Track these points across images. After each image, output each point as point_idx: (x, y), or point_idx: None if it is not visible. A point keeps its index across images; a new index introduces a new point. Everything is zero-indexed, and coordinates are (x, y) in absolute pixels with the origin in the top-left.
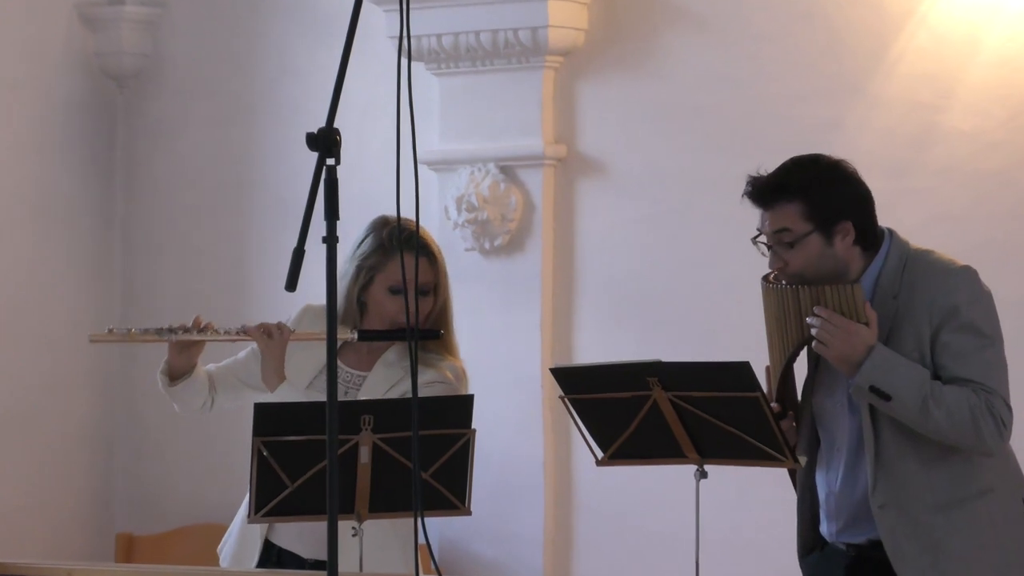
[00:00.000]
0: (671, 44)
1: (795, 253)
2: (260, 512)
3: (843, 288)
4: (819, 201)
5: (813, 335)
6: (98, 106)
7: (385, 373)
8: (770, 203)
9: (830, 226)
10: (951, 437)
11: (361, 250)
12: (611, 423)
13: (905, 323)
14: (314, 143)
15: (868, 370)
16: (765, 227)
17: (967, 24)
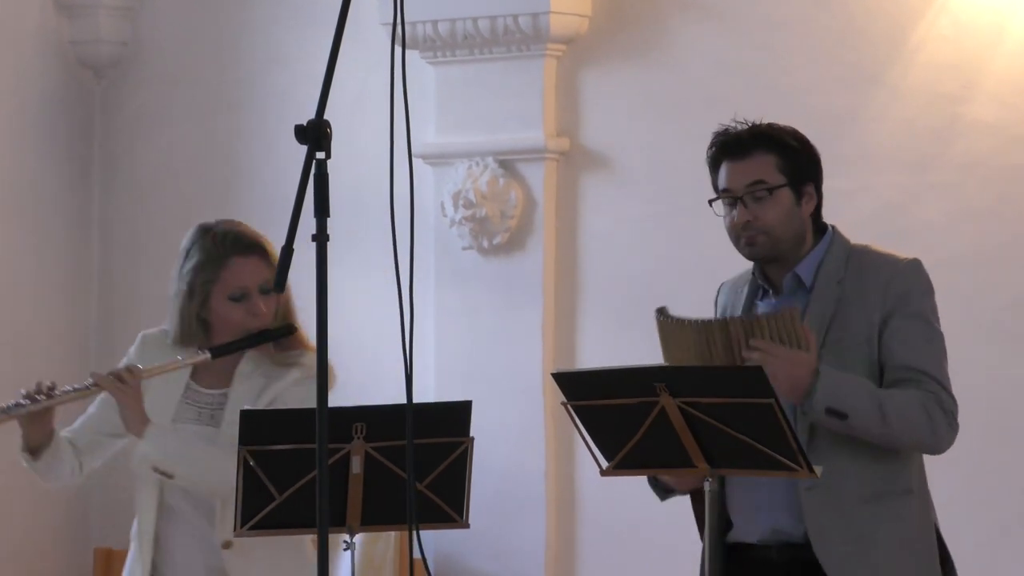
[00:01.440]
0: (679, 31)
1: (767, 206)
2: (247, 525)
3: (780, 316)
4: (793, 156)
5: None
6: (74, 97)
7: (247, 385)
8: (748, 151)
9: (800, 185)
10: (908, 440)
11: (189, 266)
12: (616, 431)
13: (853, 307)
14: (303, 136)
15: (821, 394)
16: (734, 179)
17: (990, 11)
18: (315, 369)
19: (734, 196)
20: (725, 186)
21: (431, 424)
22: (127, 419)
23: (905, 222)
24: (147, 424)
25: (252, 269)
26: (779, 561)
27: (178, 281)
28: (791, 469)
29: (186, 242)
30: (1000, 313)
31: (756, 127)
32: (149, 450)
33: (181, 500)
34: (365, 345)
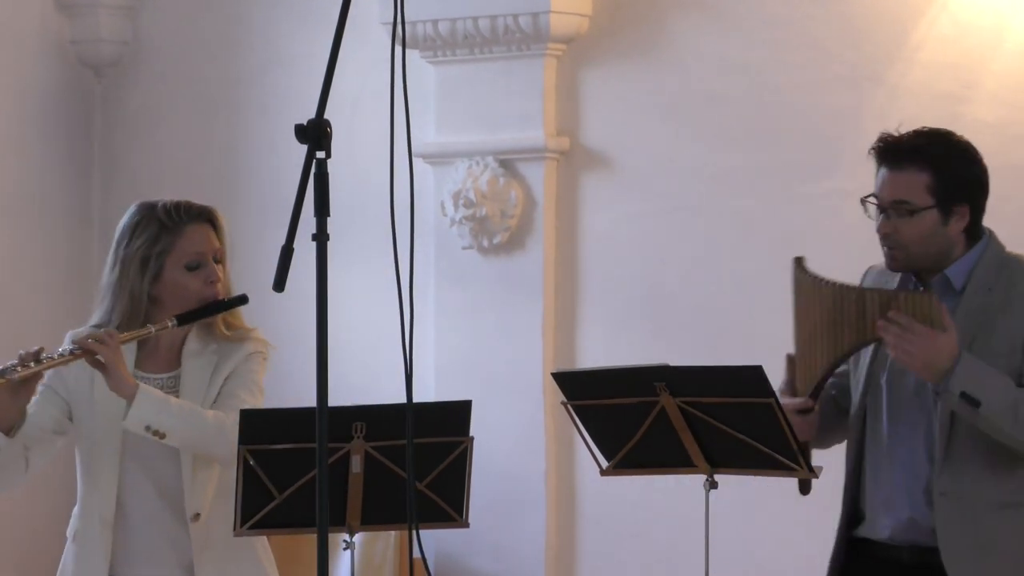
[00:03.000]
0: (680, 30)
1: (909, 224)
2: (247, 525)
3: (919, 297)
4: (948, 177)
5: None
6: (75, 96)
7: (197, 364)
8: (902, 164)
9: (950, 205)
10: None
11: (139, 241)
12: (616, 430)
13: (1000, 318)
14: (303, 135)
15: (959, 377)
16: (883, 189)
17: (991, 11)
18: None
19: (880, 207)
20: (876, 191)
21: (431, 424)
22: (115, 381)
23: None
24: (136, 385)
25: (206, 237)
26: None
27: (123, 262)
28: (791, 469)
29: (128, 220)
30: None
31: (919, 137)
32: (142, 411)
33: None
34: (365, 345)
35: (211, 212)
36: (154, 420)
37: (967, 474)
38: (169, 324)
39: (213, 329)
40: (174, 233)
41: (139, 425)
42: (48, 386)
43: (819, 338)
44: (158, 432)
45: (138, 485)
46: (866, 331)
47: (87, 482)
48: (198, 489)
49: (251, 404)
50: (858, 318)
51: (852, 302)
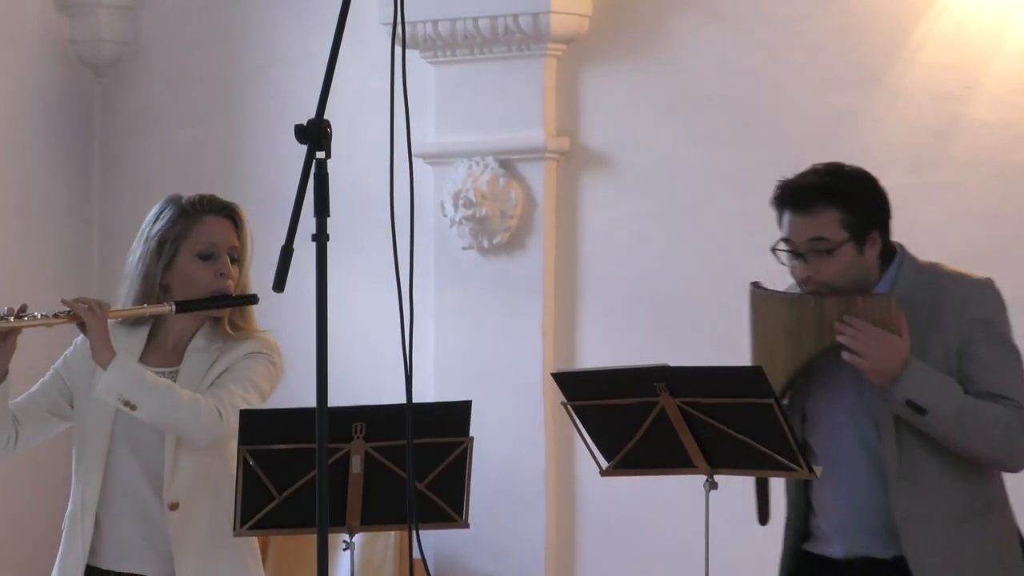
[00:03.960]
0: (680, 30)
1: (828, 262)
2: (246, 525)
3: (877, 299)
4: (857, 210)
5: (845, 345)
6: (75, 96)
7: (198, 359)
8: (811, 208)
9: (863, 235)
10: (983, 453)
11: (159, 225)
12: (616, 431)
13: (930, 333)
14: (303, 135)
15: (906, 383)
16: (796, 233)
17: (991, 11)
18: (269, 344)
19: (795, 251)
20: (787, 236)
21: (431, 424)
22: (95, 346)
23: (905, 222)
24: (113, 355)
25: (224, 230)
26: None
27: (143, 245)
28: (791, 470)
29: (154, 210)
30: None
31: (820, 179)
32: (115, 379)
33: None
34: (365, 345)
35: (234, 209)
36: (126, 390)
37: (924, 493)
38: (167, 308)
39: (220, 329)
40: (192, 220)
41: (111, 393)
42: (56, 370)
43: (779, 349)
44: (129, 403)
45: (126, 473)
46: (824, 336)
47: (76, 470)
48: (179, 477)
49: (240, 397)
50: (817, 324)
51: (811, 309)
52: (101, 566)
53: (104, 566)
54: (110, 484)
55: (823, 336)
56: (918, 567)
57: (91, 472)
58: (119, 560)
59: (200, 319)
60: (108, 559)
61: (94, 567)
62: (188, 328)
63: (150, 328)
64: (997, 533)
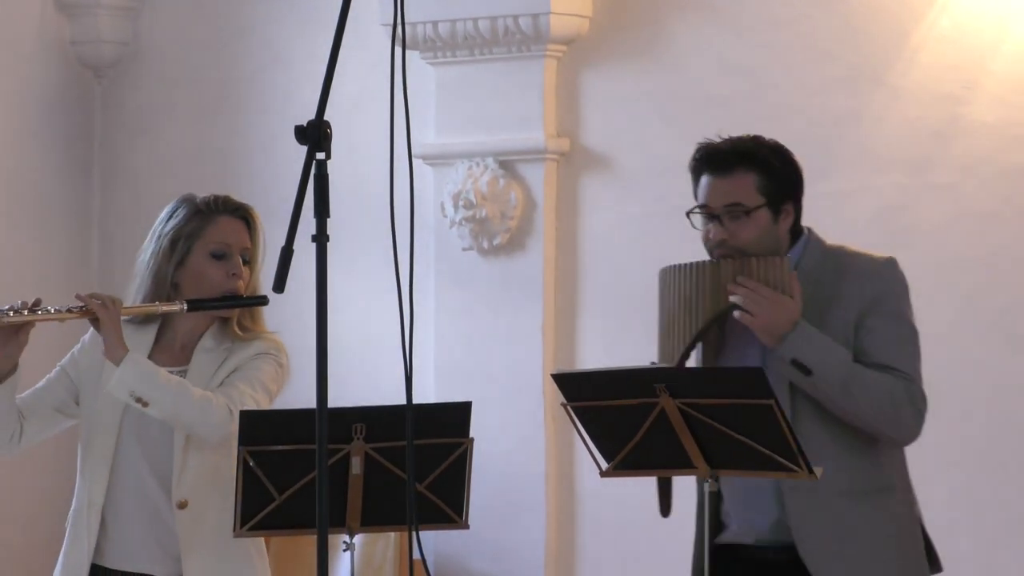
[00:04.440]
0: (680, 31)
1: (743, 226)
2: (246, 526)
3: (770, 260)
4: (775, 177)
5: (738, 304)
6: (75, 97)
7: (206, 359)
8: (730, 170)
9: (779, 204)
10: (869, 420)
11: (172, 223)
12: (616, 432)
13: (830, 307)
14: (303, 136)
15: (793, 342)
16: (713, 196)
17: (991, 11)
18: (277, 346)
19: (712, 213)
20: (704, 201)
21: (431, 425)
22: (108, 343)
23: (905, 222)
24: (126, 352)
25: (237, 230)
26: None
27: (155, 242)
28: (791, 470)
29: (168, 208)
30: (1000, 313)
31: (740, 143)
32: (128, 375)
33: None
34: (365, 346)
35: (247, 210)
36: (138, 387)
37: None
38: (178, 306)
39: (228, 329)
40: (206, 219)
41: (123, 390)
42: (63, 367)
43: (679, 317)
44: (141, 400)
45: (133, 470)
46: (720, 299)
47: (83, 466)
48: (187, 476)
49: (249, 396)
50: (713, 288)
51: (708, 274)
52: (107, 564)
53: (110, 565)
54: (117, 482)
55: (718, 299)
56: (800, 537)
57: (98, 470)
58: (125, 559)
59: (209, 319)
60: (114, 558)
61: (99, 566)
62: (197, 328)
63: (158, 327)
64: (892, 517)
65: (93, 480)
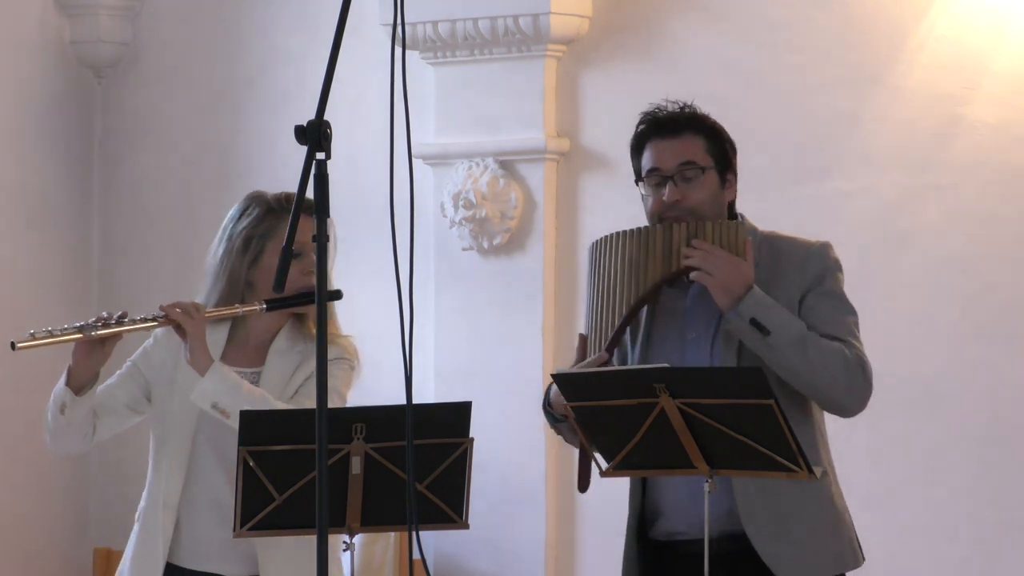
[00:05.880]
0: (680, 32)
1: (696, 187)
2: (246, 526)
3: (725, 224)
4: (719, 142)
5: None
6: (75, 97)
7: (280, 361)
8: (679, 132)
9: (724, 171)
10: (822, 385)
11: (244, 223)
12: (616, 432)
13: (770, 291)
14: (303, 136)
15: (750, 303)
16: (665, 158)
17: (992, 11)
18: (349, 351)
19: (665, 175)
20: (654, 165)
21: (431, 425)
22: (193, 351)
23: (905, 222)
24: (211, 361)
25: (309, 228)
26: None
27: (227, 242)
28: (790, 470)
29: (237, 207)
30: (1000, 313)
31: (684, 110)
32: (212, 386)
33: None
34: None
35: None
36: (222, 399)
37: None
38: (258, 307)
39: (303, 329)
40: (279, 218)
41: (206, 400)
42: (134, 363)
43: (622, 282)
44: (224, 411)
45: (209, 473)
46: (672, 262)
47: (156, 465)
48: None
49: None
50: (664, 251)
51: (660, 237)
52: (180, 564)
53: (183, 564)
54: (192, 483)
55: (670, 261)
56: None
57: (173, 470)
58: (199, 559)
59: (283, 318)
60: (187, 557)
61: (173, 565)
62: (270, 327)
63: (231, 325)
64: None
65: (168, 480)
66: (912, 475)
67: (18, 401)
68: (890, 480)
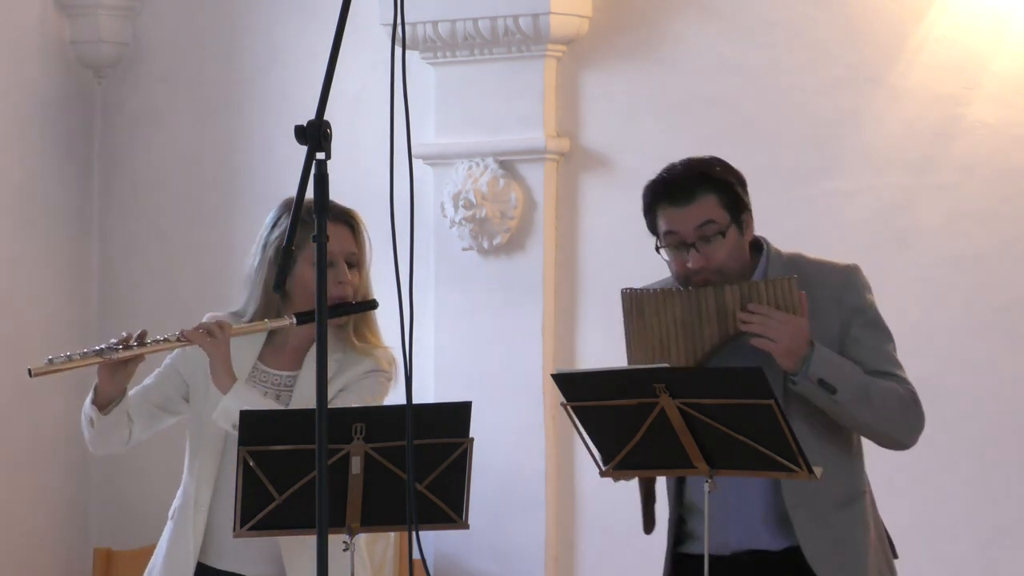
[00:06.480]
0: (680, 32)
1: (717, 248)
2: (246, 526)
3: (779, 282)
4: (730, 190)
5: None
6: (75, 97)
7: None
8: (692, 196)
9: (739, 216)
10: (884, 427)
11: (277, 232)
12: (616, 432)
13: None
14: (303, 136)
15: (816, 364)
16: (682, 224)
17: (991, 11)
18: (386, 362)
19: (684, 241)
20: (671, 229)
21: (431, 425)
22: (215, 371)
23: (905, 222)
24: (234, 381)
25: (341, 238)
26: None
27: (261, 251)
28: (790, 471)
29: (271, 215)
30: (1000, 313)
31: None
32: (232, 405)
33: None
34: None
35: (351, 215)
36: None
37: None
38: (287, 321)
39: (343, 336)
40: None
41: (227, 420)
42: (172, 364)
43: (676, 343)
44: None
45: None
46: (728, 325)
47: (190, 464)
48: None
49: None
50: (718, 313)
51: (710, 299)
52: (209, 563)
53: (212, 564)
54: (223, 484)
55: (726, 326)
56: (812, 555)
57: (206, 470)
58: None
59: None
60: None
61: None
62: (310, 332)
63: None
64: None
65: (201, 480)
66: (912, 475)
67: (19, 401)
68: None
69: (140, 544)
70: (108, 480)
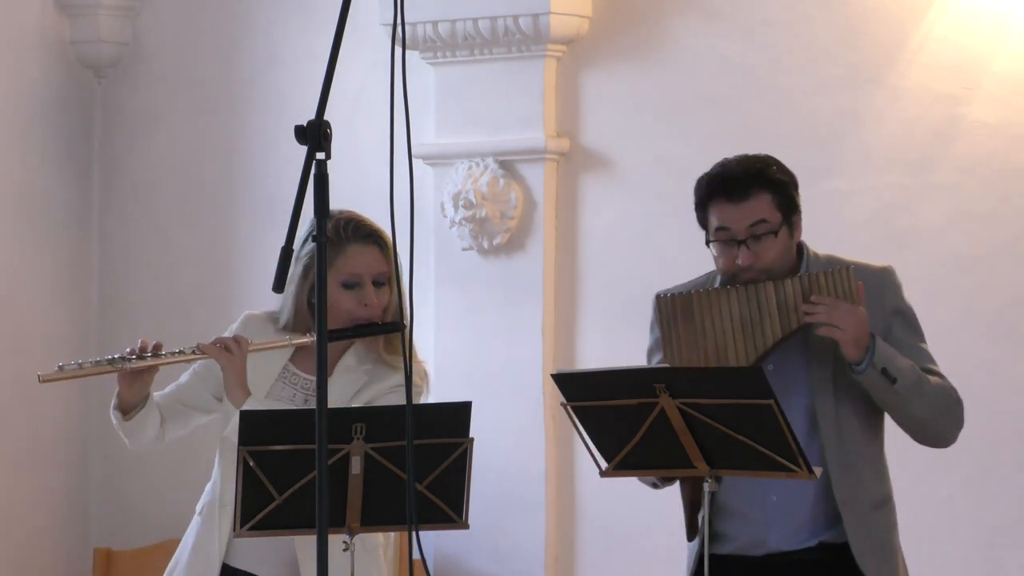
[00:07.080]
0: (680, 32)
1: (770, 245)
2: (246, 526)
3: (838, 273)
4: (784, 191)
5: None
6: (74, 98)
7: (347, 379)
8: (747, 194)
9: (791, 216)
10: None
11: (307, 249)
12: (616, 432)
13: None
14: (303, 136)
15: (880, 352)
16: (736, 221)
17: (991, 11)
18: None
19: (736, 238)
20: (724, 225)
21: (431, 425)
22: (229, 388)
23: (905, 222)
24: (247, 396)
25: (368, 259)
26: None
27: (295, 265)
28: (790, 470)
29: (306, 228)
30: (1000, 313)
31: (748, 165)
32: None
33: None
34: None
35: (380, 234)
36: None
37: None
38: (308, 340)
39: (374, 348)
40: (335, 249)
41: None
42: (206, 363)
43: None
44: None
45: None
46: (791, 319)
47: (220, 464)
48: None
49: None
50: (780, 308)
51: (771, 294)
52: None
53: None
54: None
55: (789, 319)
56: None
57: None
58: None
59: None
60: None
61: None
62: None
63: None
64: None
65: (226, 480)
66: (912, 475)
67: (19, 402)
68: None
69: (140, 544)
70: (108, 480)
